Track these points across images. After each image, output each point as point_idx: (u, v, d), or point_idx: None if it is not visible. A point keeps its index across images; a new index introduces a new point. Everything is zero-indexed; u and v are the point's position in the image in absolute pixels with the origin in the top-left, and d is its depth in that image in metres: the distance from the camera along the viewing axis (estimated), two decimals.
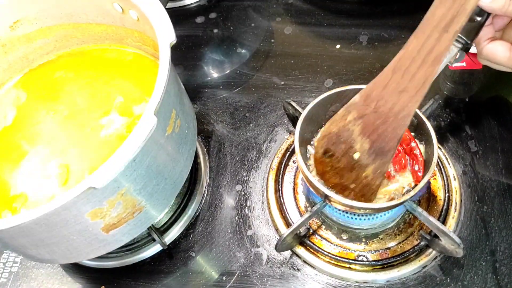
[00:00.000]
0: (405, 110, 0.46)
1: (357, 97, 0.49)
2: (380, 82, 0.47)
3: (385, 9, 0.87)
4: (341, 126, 0.51)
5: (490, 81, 0.75)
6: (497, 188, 0.64)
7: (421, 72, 0.44)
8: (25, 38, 0.67)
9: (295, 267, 0.62)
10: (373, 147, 0.50)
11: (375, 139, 0.49)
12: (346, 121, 0.51)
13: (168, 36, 0.51)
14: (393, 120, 0.47)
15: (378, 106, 0.47)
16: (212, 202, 0.69)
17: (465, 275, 0.58)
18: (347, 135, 0.51)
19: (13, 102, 0.68)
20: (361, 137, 0.50)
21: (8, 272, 0.67)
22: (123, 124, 0.61)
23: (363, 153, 0.51)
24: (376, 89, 0.47)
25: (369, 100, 0.48)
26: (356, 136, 0.51)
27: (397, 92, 0.46)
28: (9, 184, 0.59)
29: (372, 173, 0.52)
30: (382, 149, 0.50)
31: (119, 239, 0.54)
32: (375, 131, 0.49)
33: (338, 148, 0.53)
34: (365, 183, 0.53)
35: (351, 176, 0.54)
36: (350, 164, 0.53)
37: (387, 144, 0.49)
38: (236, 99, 0.79)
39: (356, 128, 0.50)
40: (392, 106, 0.47)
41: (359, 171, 0.53)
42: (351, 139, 0.51)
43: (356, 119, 0.50)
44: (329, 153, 0.54)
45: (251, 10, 0.92)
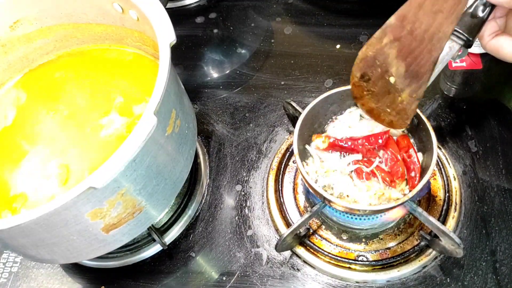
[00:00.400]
0: (441, 32, 0.46)
1: (393, 18, 0.49)
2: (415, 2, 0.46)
3: (385, 9, 0.86)
4: (377, 49, 0.51)
5: (490, 81, 0.75)
6: (497, 188, 0.64)
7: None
8: (25, 38, 0.67)
9: (295, 267, 0.62)
10: (409, 71, 0.49)
11: (411, 62, 0.49)
12: (382, 43, 0.50)
13: (168, 36, 0.51)
14: (429, 42, 0.47)
15: (414, 28, 0.47)
16: (212, 202, 0.69)
17: (465, 275, 0.58)
18: (383, 58, 0.50)
19: (13, 102, 0.68)
20: (397, 60, 0.49)
21: (8, 272, 0.67)
22: (123, 124, 0.61)
23: (398, 77, 0.50)
24: (411, 9, 0.47)
25: (405, 21, 0.47)
26: (392, 59, 0.50)
27: (432, 12, 0.45)
28: (9, 184, 0.59)
29: (408, 97, 0.51)
30: (417, 73, 0.49)
31: (119, 239, 0.54)
32: (410, 53, 0.48)
33: (374, 72, 0.52)
34: (400, 107, 0.52)
35: (387, 100, 0.53)
36: (386, 88, 0.52)
37: (423, 67, 0.48)
38: (236, 99, 0.79)
39: (392, 51, 0.49)
40: (427, 28, 0.46)
41: (395, 95, 0.52)
42: (387, 63, 0.50)
43: (392, 41, 0.49)
44: (366, 77, 0.53)
45: (251, 10, 0.92)
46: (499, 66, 0.75)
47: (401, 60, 0.49)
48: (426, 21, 0.46)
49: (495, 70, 0.75)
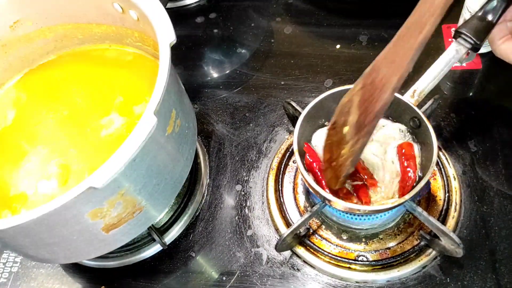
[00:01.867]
0: (389, 82, 0.46)
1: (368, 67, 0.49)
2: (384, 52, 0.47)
3: (385, 9, 0.87)
4: (350, 96, 0.51)
5: (490, 81, 0.75)
6: (496, 188, 0.64)
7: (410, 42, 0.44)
8: (25, 38, 0.67)
9: (295, 267, 0.62)
10: (358, 120, 0.49)
11: (362, 111, 0.48)
12: (355, 90, 0.50)
13: (168, 36, 0.51)
14: (379, 92, 0.47)
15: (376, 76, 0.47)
16: (212, 202, 0.69)
17: (465, 275, 0.58)
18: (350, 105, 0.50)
19: (13, 102, 0.68)
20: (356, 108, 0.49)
21: (8, 272, 0.67)
22: (123, 124, 0.61)
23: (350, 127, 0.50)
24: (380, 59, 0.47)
25: (373, 70, 0.48)
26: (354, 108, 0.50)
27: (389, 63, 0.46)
28: (9, 184, 0.59)
29: (348, 151, 0.50)
30: (361, 123, 0.49)
31: (119, 239, 0.54)
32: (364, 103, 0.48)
33: (340, 120, 0.52)
34: (341, 161, 0.52)
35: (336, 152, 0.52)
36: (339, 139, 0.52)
37: (366, 118, 0.48)
38: (236, 99, 0.79)
39: (356, 98, 0.49)
40: (382, 77, 0.46)
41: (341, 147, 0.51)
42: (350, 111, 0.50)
43: (360, 89, 0.49)
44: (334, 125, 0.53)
45: (251, 10, 0.92)
46: (499, 66, 0.75)
47: (358, 109, 0.49)
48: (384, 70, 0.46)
49: (495, 70, 0.75)
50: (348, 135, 0.50)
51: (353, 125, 0.49)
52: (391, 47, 0.46)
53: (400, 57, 0.45)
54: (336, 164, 0.52)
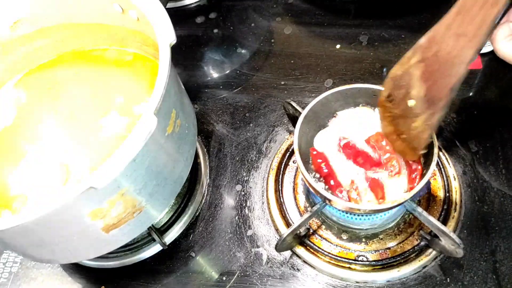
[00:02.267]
0: (461, 56, 0.44)
1: (423, 39, 0.47)
2: (444, 23, 0.45)
3: (385, 9, 0.87)
4: (405, 69, 0.49)
5: (490, 81, 0.74)
6: (497, 188, 0.64)
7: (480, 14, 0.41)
8: (25, 38, 0.67)
9: (295, 267, 0.62)
10: (427, 95, 0.48)
11: (430, 86, 0.47)
12: (410, 63, 0.48)
13: (168, 36, 0.51)
14: (449, 66, 0.45)
15: (439, 49, 0.45)
16: (212, 202, 0.69)
17: (465, 275, 0.58)
18: (408, 78, 0.49)
19: (13, 102, 0.68)
20: (420, 82, 0.48)
21: (8, 272, 0.67)
22: (123, 124, 0.61)
23: (418, 100, 0.49)
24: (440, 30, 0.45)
25: (433, 42, 0.46)
26: (415, 81, 0.48)
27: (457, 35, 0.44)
28: (9, 184, 0.59)
29: (422, 124, 0.50)
30: (434, 98, 0.47)
31: (119, 239, 0.54)
32: (431, 76, 0.47)
33: (398, 93, 0.51)
34: (414, 134, 0.51)
35: (403, 125, 0.52)
36: (405, 112, 0.51)
37: (439, 92, 0.47)
38: (236, 99, 0.79)
39: (417, 72, 0.48)
40: (450, 50, 0.44)
41: (411, 120, 0.51)
42: (410, 84, 0.49)
43: (419, 62, 0.47)
44: (391, 97, 0.52)
45: (251, 10, 0.92)
46: (499, 66, 0.75)
47: (423, 82, 0.48)
48: (451, 43, 0.44)
49: (495, 70, 0.75)
50: (418, 109, 0.49)
51: (422, 99, 0.48)
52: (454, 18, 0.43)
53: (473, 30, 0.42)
54: (408, 137, 0.52)
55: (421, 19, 0.84)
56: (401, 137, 0.53)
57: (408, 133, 0.52)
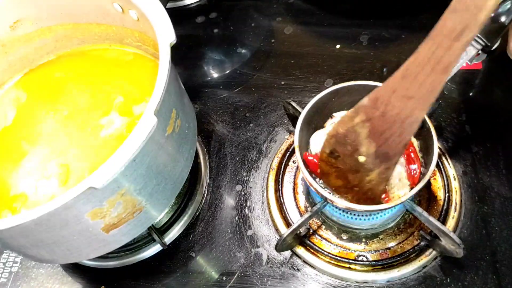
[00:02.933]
0: (412, 117, 0.46)
1: (366, 100, 0.49)
2: (389, 87, 0.46)
3: (385, 9, 0.87)
4: (348, 127, 0.51)
5: (490, 81, 0.74)
6: (497, 188, 0.64)
7: (429, 80, 0.43)
8: (25, 38, 0.67)
9: (295, 267, 0.62)
10: (379, 151, 0.50)
11: (381, 144, 0.49)
12: (354, 122, 0.50)
13: (168, 36, 0.51)
14: (400, 125, 0.47)
15: (386, 110, 0.47)
16: (212, 202, 0.69)
17: (465, 276, 0.58)
18: (354, 137, 0.51)
19: (13, 102, 0.68)
20: (368, 140, 0.50)
21: (8, 272, 0.67)
22: (123, 124, 0.61)
23: (368, 157, 0.51)
24: (385, 93, 0.47)
25: (378, 103, 0.47)
26: (362, 139, 0.50)
27: (405, 98, 0.45)
28: (9, 184, 0.59)
29: (377, 178, 0.52)
30: (387, 154, 0.49)
31: (119, 239, 0.54)
32: (381, 135, 0.48)
33: (344, 150, 0.52)
34: (369, 186, 0.53)
35: (355, 179, 0.53)
36: (355, 167, 0.53)
37: (393, 149, 0.49)
38: (237, 99, 0.79)
39: (363, 130, 0.50)
40: (399, 111, 0.46)
41: (364, 174, 0.52)
42: (357, 142, 0.51)
43: (364, 121, 0.49)
44: (335, 154, 0.54)
45: (252, 10, 0.92)
46: (499, 66, 0.75)
47: (372, 140, 0.49)
48: (398, 105, 0.46)
49: (495, 70, 0.75)
50: (370, 164, 0.51)
51: (374, 155, 0.50)
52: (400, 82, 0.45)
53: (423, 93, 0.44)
54: (362, 189, 0.53)
55: (421, 19, 0.84)
56: (353, 189, 0.54)
57: (362, 186, 0.53)
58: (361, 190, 0.54)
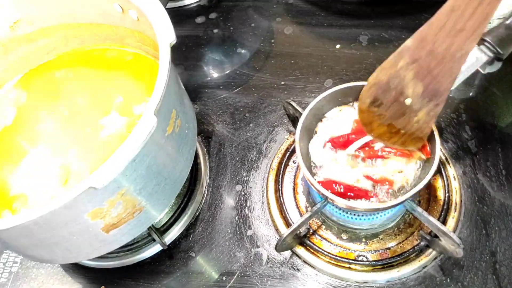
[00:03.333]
0: (463, 49, 0.45)
1: (410, 41, 0.48)
2: (436, 23, 0.46)
3: (385, 9, 0.87)
4: (391, 73, 0.50)
5: (490, 81, 0.74)
6: (497, 188, 0.64)
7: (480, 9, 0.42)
8: (25, 38, 0.67)
9: (295, 267, 0.62)
10: (427, 90, 0.49)
11: (430, 81, 0.48)
12: (398, 67, 0.49)
13: (168, 36, 0.51)
14: (450, 60, 0.46)
15: (434, 47, 0.46)
16: (212, 202, 0.69)
17: (465, 276, 0.58)
18: (398, 81, 0.50)
19: (13, 102, 0.68)
20: (414, 81, 0.49)
21: (8, 272, 0.67)
22: (123, 124, 0.61)
23: (415, 98, 0.50)
24: (431, 31, 0.46)
25: (425, 42, 0.47)
26: (408, 81, 0.49)
27: (454, 31, 0.45)
28: (9, 184, 0.59)
29: (425, 116, 0.51)
30: (437, 91, 0.49)
31: (119, 239, 0.54)
32: (429, 73, 0.48)
33: (387, 96, 0.52)
34: (416, 127, 0.52)
35: (401, 122, 0.53)
36: (400, 111, 0.52)
37: (443, 84, 0.48)
38: (236, 99, 0.79)
39: (408, 73, 0.49)
40: (448, 46, 0.46)
41: (411, 116, 0.51)
42: (402, 85, 0.50)
43: (408, 63, 0.48)
44: (377, 102, 0.53)
45: (252, 10, 0.92)
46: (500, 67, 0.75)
47: (419, 80, 0.49)
48: (447, 40, 0.45)
49: (497, 71, 0.75)
50: (417, 105, 0.50)
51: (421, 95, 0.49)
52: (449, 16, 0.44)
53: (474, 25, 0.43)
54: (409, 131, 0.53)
55: (421, 19, 0.83)
56: (400, 133, 0.53)
57: (409, 127, 0.52)
58: (407, 132, 0.53)
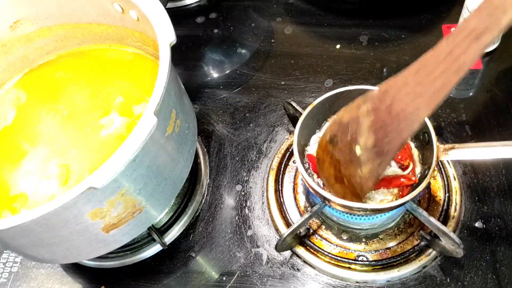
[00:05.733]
0: (415, 114, 0.45)
1: (376, 90, 0.48)
2: (400, 80, 0.46)
3: (385, 9, 0.87)
4: (353, 116, 0.50)
5: (490, 81, 0.74)
6: (497, 188, 0.64)
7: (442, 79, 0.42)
8: (25, 38, 0.67)
9: (295, 267, 0.62)
10: (376, 145, 0.49)
11: (380, 137, 0.48)
12: (359, 111, 0.49)
13: (168, 36, 0.51)
14: (402, 121, 0.46)
15: (392, 103, 0.46)
16: (212, 202, 0.69)
17: (465, 275, 0.58)
18: (356, 126, 0.50)
19: (13, 102, 0.68)
20: (368, 131, 0.49)
21: (8, 272, 0.67)
22: (123, 124, 0.61)
23: (364, 149, 0.50)
24: (394, 86, 0.46)
25: (386, 95, 0.47)
26: (363, 130, 0.49)
27: (413, 94, 0.44)
28: (9, 184, 0.59)
29: (368, 173, 0.51)
30: (383, 150, 0.49)
31: (119, 239, 0.54)
32: (382, 128, 0.48)
33: (344, 138, 0.52)
34: (358, 182, 0.52)
35: (346, 170, 0.52)
36: (349, 157, 0.52)
37: (389, 145, 0.48)
38: (236, 99, 0.79)
39: (366, 121, 0.49)
40: (405, 107, 0.45)
41: (356, 167, 0.51)
42: (358, 132, 0.50)
43: (369, 111, 0.48)
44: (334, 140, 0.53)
45: (251, 10, 0.92)
46: (499, 66, 0.75)
47: (372, 132, 0.48)
48: (405, 100, 0.45)
49: (495, 70, 0.75)
50: (365, 157, 0.50)
51: (370, 149, 0.49)
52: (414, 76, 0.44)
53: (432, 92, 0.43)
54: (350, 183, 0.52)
55: (421, 19, 0.84)
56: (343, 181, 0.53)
57: (352, 179, 0.52)
58: (349, 184, 0.53)
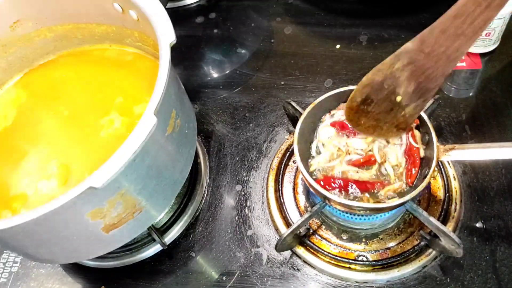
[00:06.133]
0: (459, 52, 0.47)
1: (410, 44, 0.50)
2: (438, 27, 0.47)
3: (385, 9, 0.87)
4: (387, 74, 0.52)
5: (490, 81, 0.75)
6: (497, 188, 0.64)
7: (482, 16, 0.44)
8: (25, 38, 0.67)
9: (295, 267, 0.62)
10: (418, 88, 0.51)
11: (422, 81, 0.51)
12: (394, 68, 0.51)
13: (168, 36, 0.51)
14: (445, 61, 0.48)
15: (432, 50, 0.48)
16: (212, 202, 0.69)
17: (465, 275, 0.58)
18: (392, 81, 0.52)
19: (13, 102, 0.68)
20: (408, 81, 0.51)
21: (8, 272, 0.67)
22: (123, 124, 0.61)
23: (405, 95, 0.52)
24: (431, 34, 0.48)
25: (424, 45, 0.49)
26: (402, 81, 0.52)
27: (454, 36, 0.47)
28: (9, 184, 0.59)
29: (412, 110, 0.53)
30: (426, 89, 0.51)
31: (119, 239, 0.54)
32: (423, 73, 0.50)
33: (379, 95, 0.54)
34: (402, 120, 0.54)
35: (388, 117, 0.55)
36: (389, 107, 0.54)
37: (433, 83, 0.50)
38: (236, 99, 0.79)
39: (404, 74, 0.51)
40: (445, 49, 0.48)
41: (398, 111, 0.54)
42: (396, 84, 0.52)
43: (405, 65, 0.50)
44: (368, 101, 0.55)
45: (251, 10, 0.92)
46: (499, 66, 0.75)
47: (413, 80, 0.51)
48: (446, 43, 0.47)
49: (495, 70, 0.75)
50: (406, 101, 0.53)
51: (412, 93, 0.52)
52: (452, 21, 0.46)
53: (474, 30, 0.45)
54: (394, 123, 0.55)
55: (421, 19, 0.84)
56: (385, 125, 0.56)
57: (395, 120, 0.55)
58: (392, 125, 0.55)
